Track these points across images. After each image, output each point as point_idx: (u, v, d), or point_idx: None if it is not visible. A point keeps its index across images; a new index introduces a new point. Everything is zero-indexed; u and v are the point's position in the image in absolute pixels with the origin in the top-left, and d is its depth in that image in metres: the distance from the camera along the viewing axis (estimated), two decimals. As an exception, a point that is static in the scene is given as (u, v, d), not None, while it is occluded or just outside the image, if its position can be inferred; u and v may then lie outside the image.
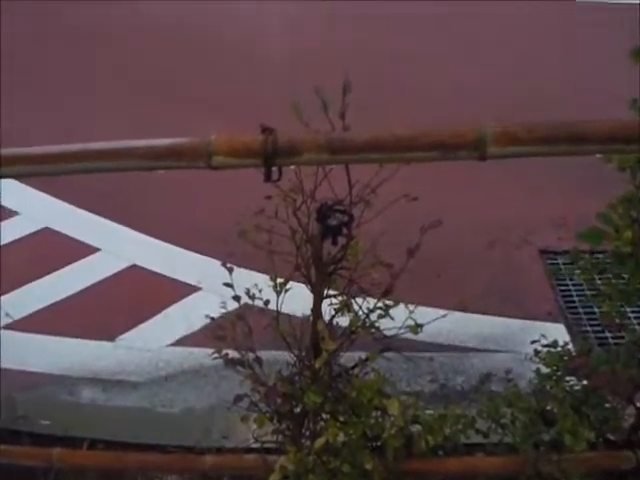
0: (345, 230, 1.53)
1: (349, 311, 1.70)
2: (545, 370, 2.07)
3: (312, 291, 1.67)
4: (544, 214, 4.20)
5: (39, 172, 1.37)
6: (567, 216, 4.10)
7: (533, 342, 2.12)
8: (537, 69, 6.29)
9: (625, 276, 1.60)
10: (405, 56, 6.58)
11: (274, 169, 1.30)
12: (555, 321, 3.52)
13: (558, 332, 3.42)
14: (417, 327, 1.68)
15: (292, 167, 1.45)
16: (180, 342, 3.45)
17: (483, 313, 3.53)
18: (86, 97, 5.86)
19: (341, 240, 1.57)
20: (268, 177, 1.28)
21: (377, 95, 5.38)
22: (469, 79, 6.08)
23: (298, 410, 1.90)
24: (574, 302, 3.64)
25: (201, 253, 3.95)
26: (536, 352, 2.09)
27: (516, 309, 3.57)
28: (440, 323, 3.60)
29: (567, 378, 2.06)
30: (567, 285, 3.75)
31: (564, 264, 3.86)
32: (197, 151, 1.30)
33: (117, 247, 4.09)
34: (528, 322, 3.50)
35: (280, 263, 1.82)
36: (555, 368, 2.01)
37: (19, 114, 5.31)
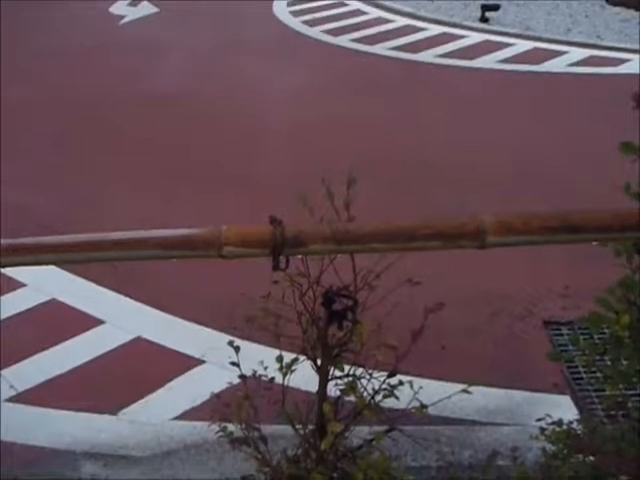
0: (350, 314, 1.56)
1: (354, 392, 1.72)
2: (551, 448, 2.06)
3: (318, 372, 1.69)
4: (547, 284, 4.23)
5: (54, 261, 1.42)
6: (571, 285, 4.14)
7: (539, 420, 2.12)
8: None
9: (624, 360, 1.62)
10: (400, 126, 6.74)
11: (281, 258, 1.35)
12: (561, 393, 3.50)
13: (565, 404, 3.41)
14: (422, 408, 1.69)
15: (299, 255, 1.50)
16: (184, 416, 3.43)
17: (488, 386, 3.51)
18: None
19: (346, 324, 1.60)
20: (276, 266, 1.32)
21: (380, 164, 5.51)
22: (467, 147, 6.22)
23: (304, 491, 1.89)
24: (580, 373, 3.62)
25: (206, 325, 3.97)
26: (542, 430, 2.09)
27: (521, 381, 3.56)
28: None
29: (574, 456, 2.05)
30: (572, 356, 3.75)
31: (569, 335, 3.86)
32: (209, 242, 1.35)
33: (122, 319, 4.12)
34: (534, 394, 3.48)
35: (286, 341, 1.85)
36: (561, 446, 2.01)
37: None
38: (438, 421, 3.34)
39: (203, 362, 3.72)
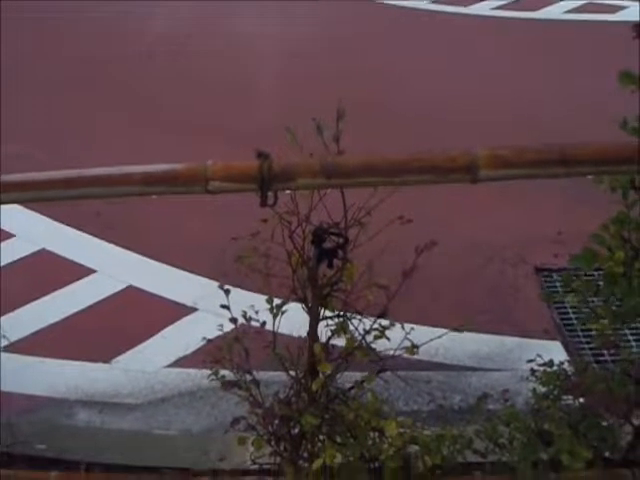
0: (341, 253, 1.54)
1: (345, 333, 1.71)
2: (541, 389, 2.07)
3: (308, 313, 1.67)
4: (540, 231, 4.22)
5: (35, 198, 1.38)
6: (563, 232, 4.13)
7: (529, 361, 2.13)
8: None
9: (618, 297, 1.61)
10: (399, 76, 6.64)
11: (270, 194, 1.31)
12: (552, 338, 3.52)
13: (555, 349, 3.43)
14: (414, 348, 1.69)
15: (288, 191, 1.47)
16: (177, 363, 3.44)
17: (480, 332, 3.53)
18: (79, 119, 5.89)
19: (337, 262, 1.58)
20: (264, 202, 1.29)
21: (370, 115, 5.42)
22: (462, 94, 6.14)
23: (295, 432, 1.90)
24: (570, 319, 3.64)
25: (197, 274, 3.96)
26: (532, 371, 2.10)
27: (513, 327, 3.58)
28: (437, 342, 3.60)
29: (564, 397, 2.06)
30: (563, 302, 3.76)
31: (560, 281, 3.87)
32: (194, 176, 1.31)
33: (113, 268, 4.09)
34: (525, 340, 3.50)
35: (277, 285, 1.83)
36: (551, 387, 2.01)
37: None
38: (430, 367, 3.37)
39: (195, 310, 3.72)
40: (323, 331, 1.79)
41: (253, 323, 1.97)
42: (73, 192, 1.34)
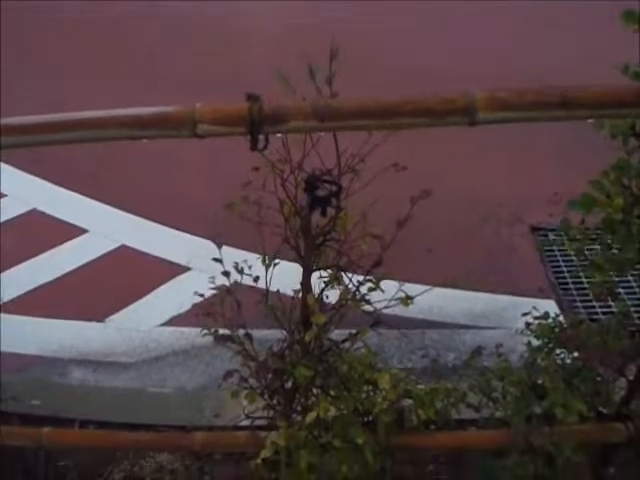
0: (334, 201, 1.50)
1: (339, 284, 1.69)
2: (536, 343, 2.06)
3: (301, 264, 1.65)
4: (536, 190, 4.19)
5: (20, 143, 1.34)
6: (560, 192, 4.10)
7: (524, 314, 2.12)
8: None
9: (616, 246, 1.59)
10: (393, 29, 6.49)
11: (260, 138, 1.27)
12: (546, 297, 3.52)
13: (549, 308, 3.42)
14: (408, 299, 1.67)
15: (279, 136, 1.42)
16: (171, 322, 3.44)
17: (474, 290, 3.53)
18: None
19: (330, 211, 1.55)
20: (254, 146, 1.25)
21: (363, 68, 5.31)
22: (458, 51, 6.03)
23: (289, 385, 1.89)
24: (565, 278, 3.64)
25: (190, 233, 3.93)
26: (527, 325, 2.09)
27: (507, 286, 3.57)
28: (431, 300, 3.61)
29: (558, 351, 2.05)
30: (558, 262, 3.76)
31: (556, 241, 3.86)
32: (182, 119, 1.27)
33: (106, 228, 4.06)
34: (519, 299, 3.50)
35: (269, 237, 1.80)
36: (546, 340, 2.01)
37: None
38: (424, 325, 3.37)
39: (189, 269, 3.70)
40: (317, 284, 1.76)
41: (246, 279, 1.94)
42: (60, 136, 1.30)
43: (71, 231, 4.01)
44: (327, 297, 1.74)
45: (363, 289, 1.71)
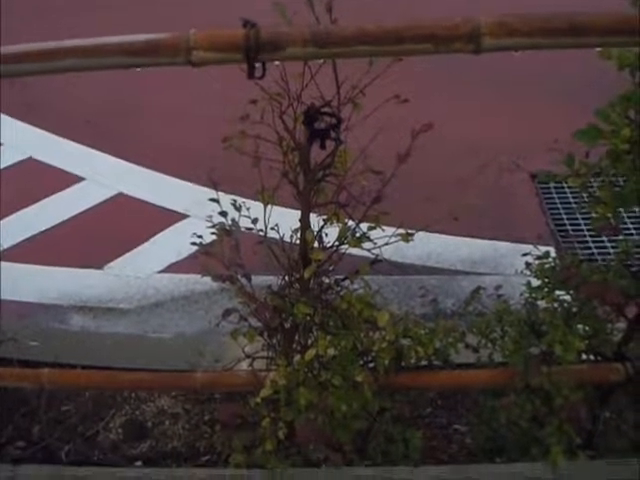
0: (333, 134, 1.47)
1: (338, 221, 1.67)
2: (536, 282, 2.05)
3: (300, 200, 1.62)
4: (537, 137, 4.14)
5: (8, 72, 1.30)
6: (560, 139, 4.05)
7: (524, 255, 2.11)
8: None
9: (620, 180, 1.56)
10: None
11: (257, 66, 1.23)
12: (545, 244, 3.50)
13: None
14: (408, 236, 1.65)
15: (277, 64, 1.38)
16: (170, 269, 3.43)
17: (473, 236, 3.52)
18: None
19: (329, 145, 1.51)
20: (251, 73, 1.21)
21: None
22: None
23: (288, 324, 1.89)
24: (564, 226, 3.63)
25: (189, 181, 3.89)
26: (527, 265, 2.07)
27: (506, 233, 3.56)
28: (430, 247, 3.59)
29: (558, 291, 2.04)
30: (558, 209, 3.74)
31: (555, 188, 3.83)
32: (176, 46, 1.23)
33: (103, 176, 4.02)
34: (518, 245, 3.48)
35: (267, 179, 1.77)
36: (546, 280, 1.99)
37: None
38: (423, 271, 3.37)
39: (187, 216, 3.68)
40: (316, 222, 1.74)
41: (244, 227, 1.91)
42: (50, 64, 1.26)
43: (68, 179, 3.98)
44: (326, 235, 1.72)
45: (363, 227, 1.69)
